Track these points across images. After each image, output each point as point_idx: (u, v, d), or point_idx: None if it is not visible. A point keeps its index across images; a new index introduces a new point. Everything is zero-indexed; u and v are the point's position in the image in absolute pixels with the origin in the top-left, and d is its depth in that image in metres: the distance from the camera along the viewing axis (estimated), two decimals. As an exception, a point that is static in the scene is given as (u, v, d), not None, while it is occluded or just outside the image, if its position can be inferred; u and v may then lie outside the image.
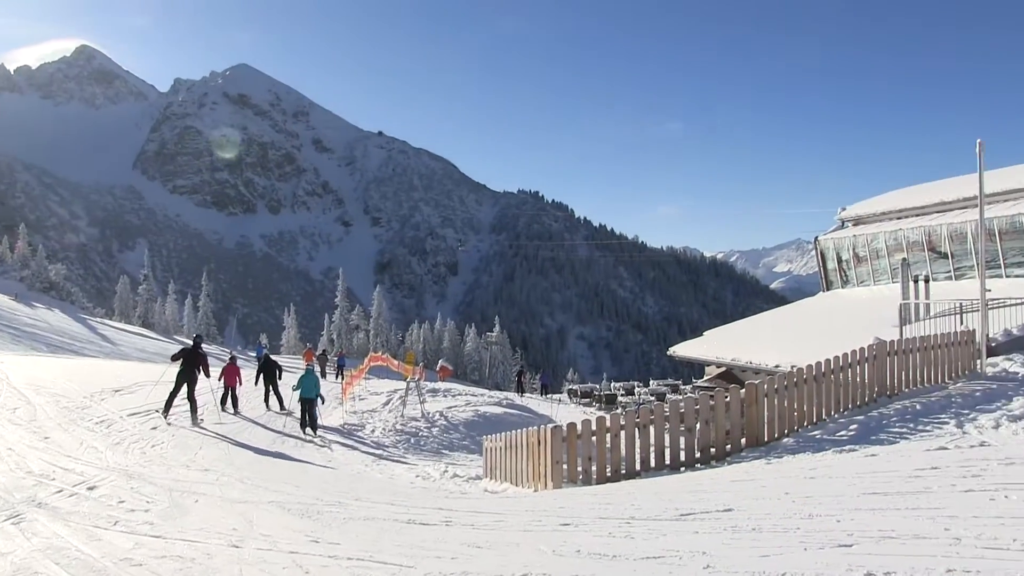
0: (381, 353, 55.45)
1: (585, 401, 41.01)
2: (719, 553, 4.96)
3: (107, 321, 76.29)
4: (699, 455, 11.55)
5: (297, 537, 6.87)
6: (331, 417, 24.23)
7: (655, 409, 11.61)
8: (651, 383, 44.68)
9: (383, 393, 28.70)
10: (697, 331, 34.75)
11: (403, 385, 27.09)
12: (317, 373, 23.55)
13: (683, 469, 11.30)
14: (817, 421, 12.72)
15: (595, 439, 11.20)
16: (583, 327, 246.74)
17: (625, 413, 11.59)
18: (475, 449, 19.98)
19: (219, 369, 22.93)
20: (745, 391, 12.03)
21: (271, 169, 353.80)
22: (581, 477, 11.12)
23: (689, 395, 13.85)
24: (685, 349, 29.45)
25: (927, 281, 22.48)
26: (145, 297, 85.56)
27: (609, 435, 11.25)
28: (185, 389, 18.98)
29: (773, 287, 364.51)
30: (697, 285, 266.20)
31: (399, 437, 21.66)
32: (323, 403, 21.94)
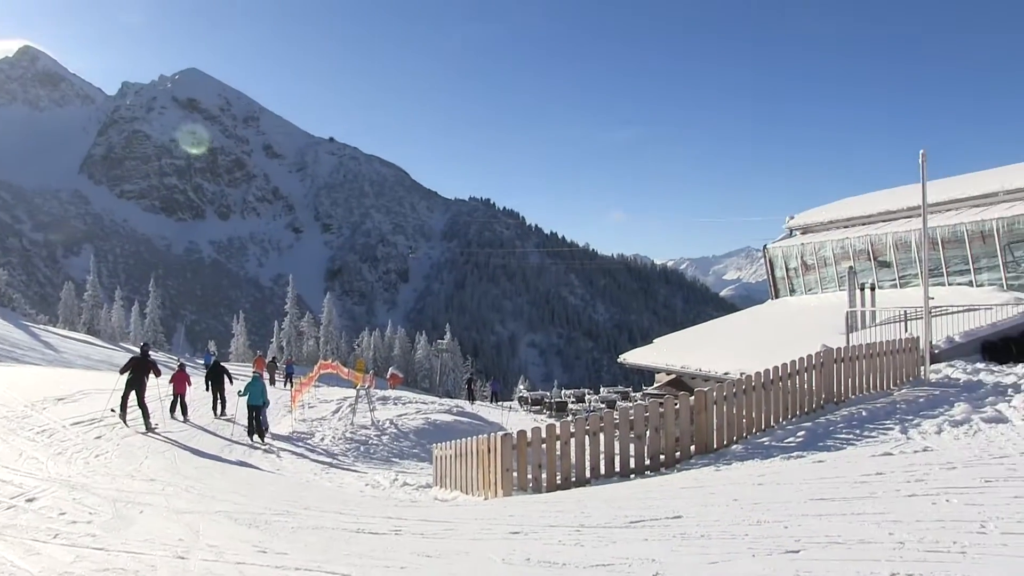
0: (331, 361, 55.17)
1: (536, 408, 41.00)
2: (668, 560, 4.96)
3: (51, 328, 74.67)
4: (649, 462, 11.59)
5: (244, 547, 6.75)
6: (280, 425, 23.99)
7: (605, 416, 11.62)
8: (602, 390, 44.77)
9: (333, 401, 28.48)
10: (647, 338, 34.98)
11: (353, 393, 26.94)
12: (264, 380, 23.33)
13: (633, 476, 11.33)
14: (766, 428, 12.84)
15: (545, 447, 11.18)
16: (534, 334, 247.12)
17: (575, 420, 11.59)
18: (425, 457, 19.88)
19: (168, 376, 22.64)
20: (694, 398, 12.10)
21: (221, 175, 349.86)
22: (531, 485, 11.10)
23: (639, 402, 13.91)
24: (635, 356, 29.61)
25: (873, 289, 22.85)
26: (91, 303, 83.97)
27: (559, 443, 11.23)
28: (134, 396, 18.91)
29: (723, 295, 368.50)
30: (647, 292, 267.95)
31: (349, 445, 21.49)
32: (266, 406, 21.68)
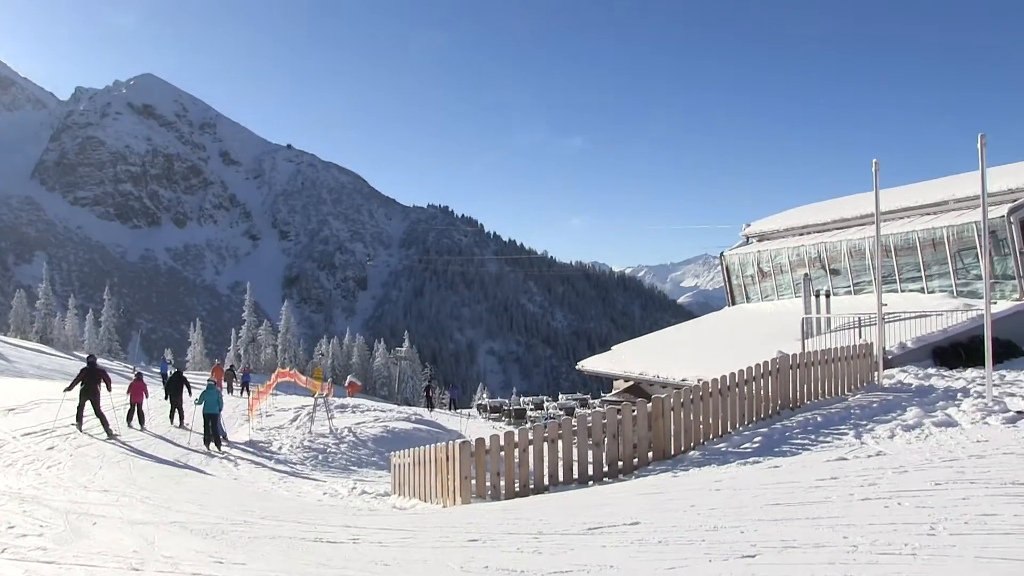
0: (289, 369, 54.58)
1: (494, 416, 41.03)
2: (626, 566, 4.97)
3: (2, 337, 73.35)
4: (607, 469, 11.62)
5: (201, 558, 6.65)
6: (238, 433, 23.76)
7: (563, 424, 11.64)
8: (560, 398, 44.95)
9: (291, 409, 28.25)
10: (606, 345, 35.12)
11: (311, 401, 26.73)
12: (218, 388, 23.13)
13: (591, 483, 11.35)
14: (722, 434, 12.94)
15: (504, 454, 11.16)
16: (493, 342, 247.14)
17: (534, 428, 11.60)
18: (384, 465, 19.78)
19: (126, 386, 22.51)
20: (652, 405, 12.15)
21: (177, 181, 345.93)
22: (490, 492, 11.07)
23: (597, 409, 13.94)
24: (594, 363, 29.68)
25: (828, 296, 23.14)
26: (43, 312, 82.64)
27: (518, 450, 11.23)
28: (90, 406, 19.29)
29: (680, 301, 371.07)
30: (606, 300, 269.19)
31: (307, 454, 21.32)
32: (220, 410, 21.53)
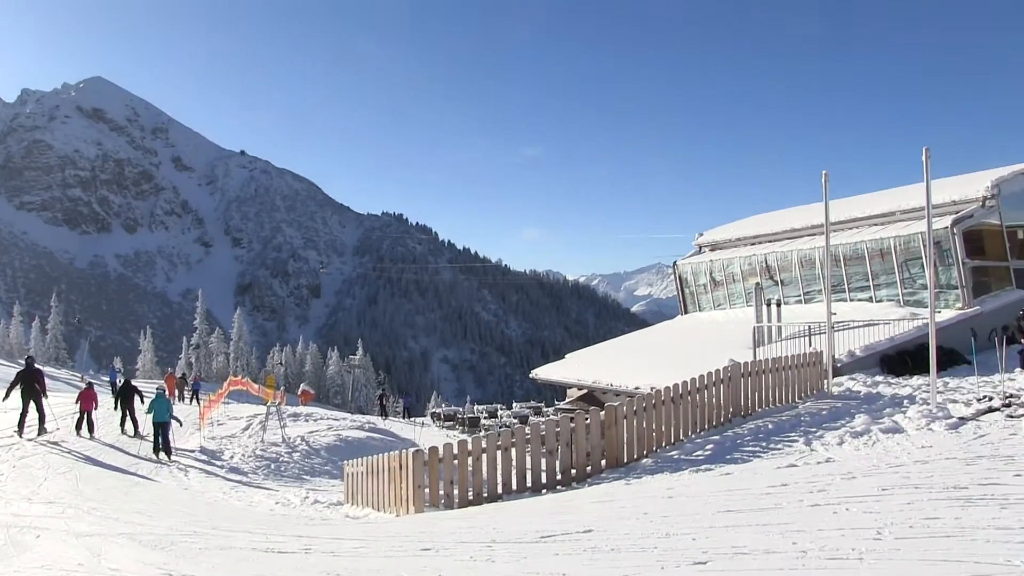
0: (241, 377, 53.95)
1: (448, 424, 40.84)
2: (579, 574, 4.98)
3: (-58, 345, 71.65)
4: (561, 477, 11.65)
5: (149, 570, 6.55)
6: (189, 442, 23.44)
7: (517, 432, 11.65)
8: (514, 406, 44.88)
9: (243, 418, 27.92)
10: (560, 353, 35.20)
11: (263, 410, 26.45)
12: (170, 397, 22.91)
13: (545, 491, 11.37)
14: (675, 441, 13.03)
15: (457, 462, 11.14)
16: (447, 350, 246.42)
17: (487, 436, 11.59)
18: (337, 474, 19.63)
19: (76, 394, 22.29)
20: (605, 413, 12.21)
21: (127, 187, 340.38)
22: (443, 501, 11.05)
23: (551, 418, 13.98)
24: (547, 372, 29.75)
25: (779, 305, 23.43)
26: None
27: (471, 458, 11.21)
28: (33, 406, 19.74)
29: (634, 310, 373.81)
30: (560, 308, 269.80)
31: (259, 463, 21.07)
32: (180, 425, 21.33)
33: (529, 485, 11.45)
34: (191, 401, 41.49)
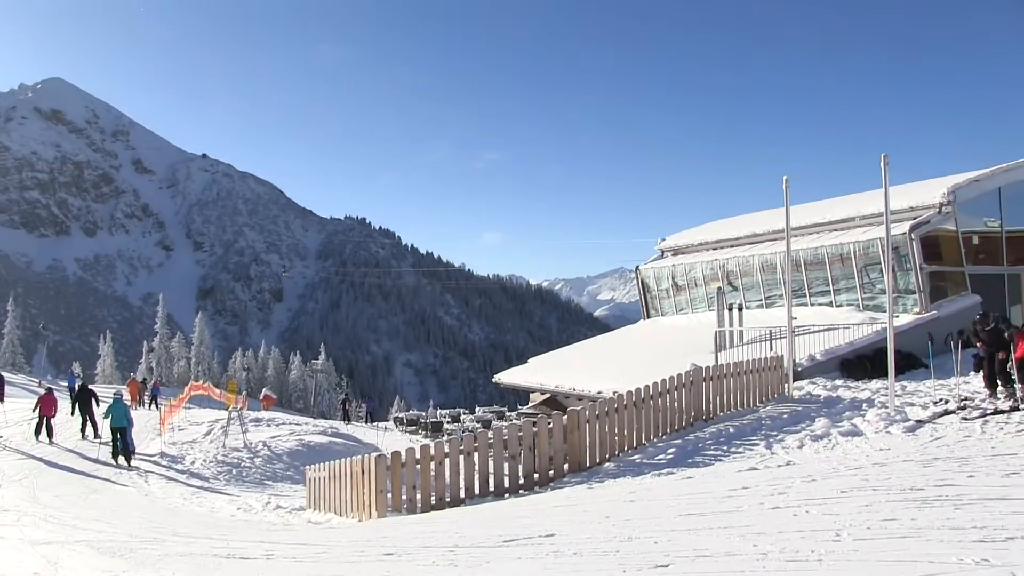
0: (203, 382, 53.45)
1: (411, 429, 40.72)
2: (541, 578, 4.98)
3: None
4: (523, 481, 11.65)
5: (106, 578, 6.47)
6: (149, 448, 23.17)
7: (479, 436, 11.65)
8: (477, 410, 44.82)
9: (204, 423, 27.65)
10: (523, 358, 35.22)
11: (225, 415, 26.21)
12: (125, 401, 22.61)
13: (507, 496, 11.37)
14: (637, 446, 13.08)
15: (419, 467, 11.11)
16: (410, 354, 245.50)
17: (450, 441, 11.57)
18: (299, 479, 19.49)
19: (34, 400, 22.03)
20: (567, 417, 12.23)
21: (87, 190, 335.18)
22: (406, 506, 11.00)
23: (514, 422, 13.99)
24: (510, 376, 29.75)
25: (740, 309, 23.61)
26: (-61, 324, 79.36)
27: (434, 463, 11.18)
28: None
29: (597, 314, 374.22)
30: (523, 312, 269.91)
31: (220, 468, 20.87)
32: (130, 426, 21.05)
33: (492, 489, 11.44)
34: (150, 406, 41.03)
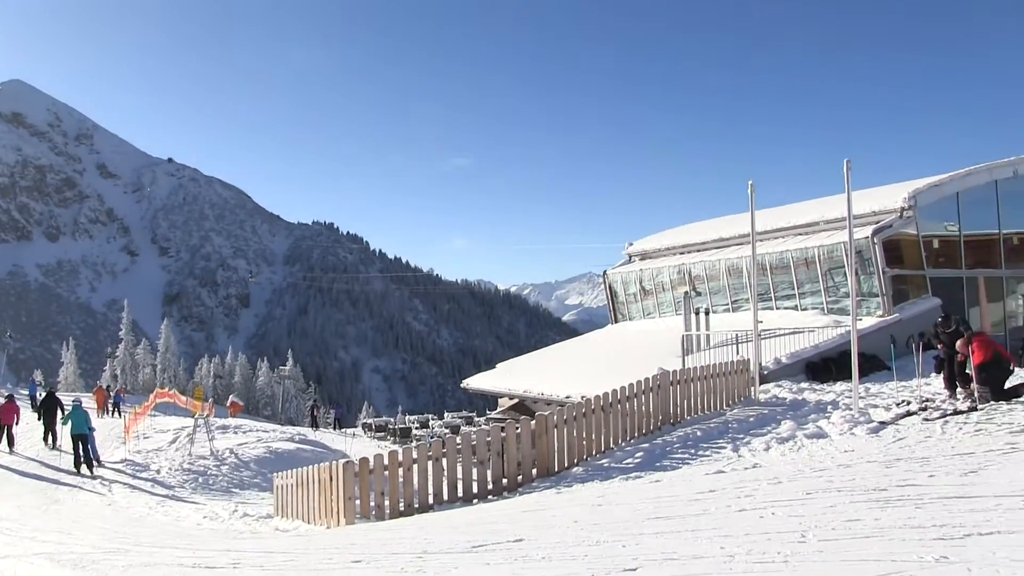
0: (168, 389, 53.06)
1: (380, 435, 40.61)
2: (509, 583, 4.98)
3: None
4: (492, 487, 11.65)
5: (66, 590, 6.38)
6: (114, 456, 22.92)
7: (447, 442, 11.63)
8: (446, 416, 44.82)
9: (170, 431, 27.39)
10: (491, 363, 35.21)
11: (191, 422, 25.97)
12: (87, 408, 22.35)
13: (476, 501, 11.36)
14: (605, 450, 13.13)
15: (388, 473, 11.08)
16: (378, 360, 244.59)
17: (418, 446, 11.55)
18: (267, 487, 19.35)
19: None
20: (535, 422, 12.25)
21: (49, 194, 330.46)
22: (374, 512, 10.97)
23: (482, 427, 13.99)
24: (479, 381, 29.74)
25: (707, 313, 23.76)
26: None
27: (402, 469, 11.16)
28: None
29: (565, 319, 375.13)
30: (491, 317, 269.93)
31: (186, 476, 20.68)
32: (92, 433, 20.83)
33: (460, 495, 11.43)
34: (113, 413, 40.63)
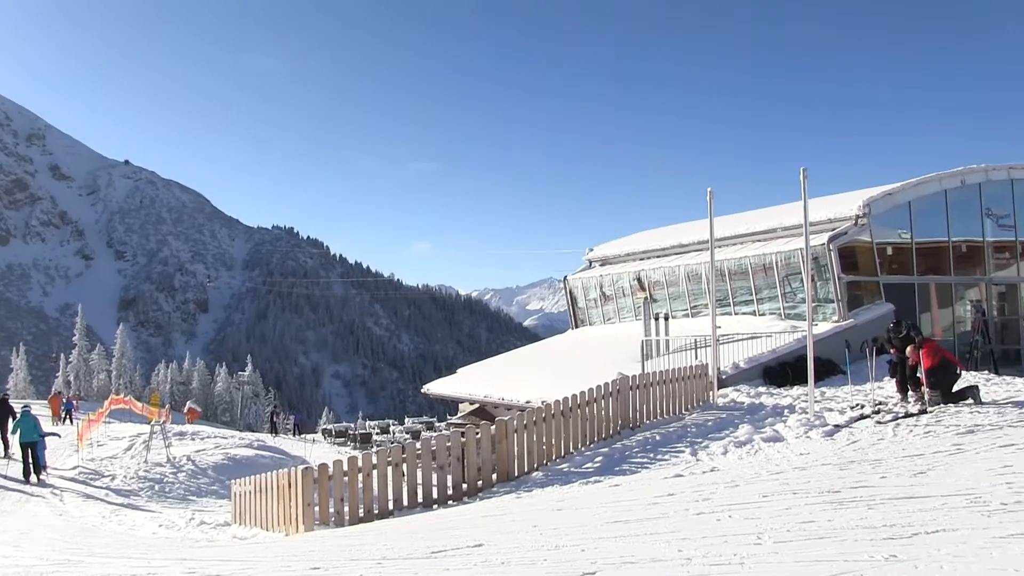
0: (124, 395, 52.29)
1: (340, 441, 40.44)
2: (468, 588, 5.00)
3: None
4: (452, 492, 11.66)
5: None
6: (66, 464, 22.57)
7: (407, 447, 11.62)
8: (407, 421, 44.75)
9: (125, 438, 27.03)
10: (452, 368, 35.23)
11: (147, 429, 25.66)
12: (38, 415, 21.99)
13: (436, 507, 11.37)
14: (565, 454, 13.18)
15: (347, 479, 11.05)
16: (338, 365, 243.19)
17: (378, 452, 11.54)
18: (224, 494, 19.17)
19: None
20: (495, 427, 12.28)
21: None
22: (334, 519, 10.93)
23: (442, 432, 13.99)
24: (439, 387, 29.72)
25: (667, 318, 23.93)
26: None
27: (362, 475, 11.14)
28: None
29: (526, 324, 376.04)
30: (452, 323, 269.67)
31: (142, 484, 20.43)
32: (60, 437, 20.53)
33: (420, 501, 11.43)
34: (65, 420, 40.05)
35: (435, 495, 11.57)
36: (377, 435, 39.16)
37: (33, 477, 19.48)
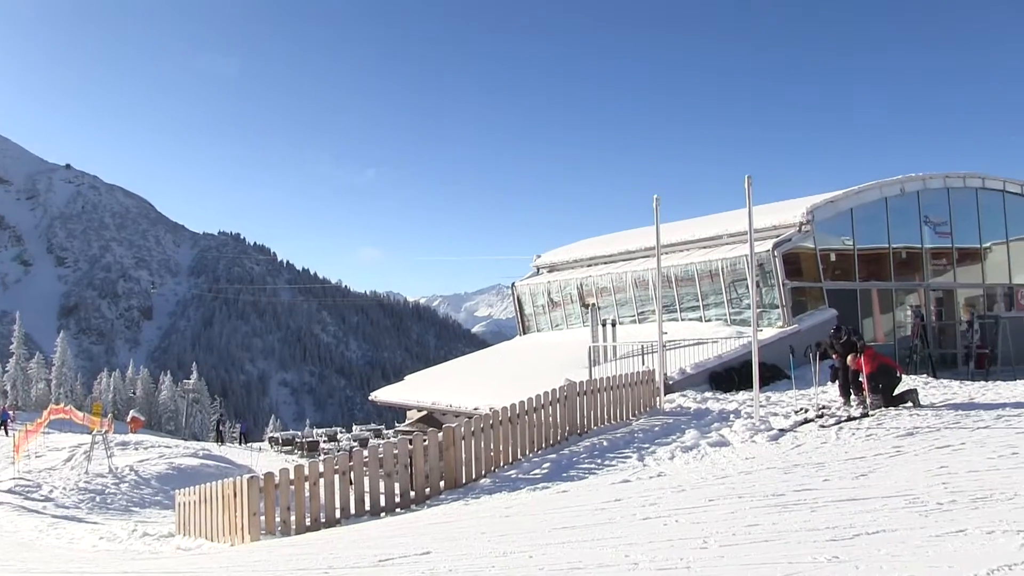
0: (64, 405, 51.27)
1: (287, 449, 40.00)
2: (415, 596, 4.98)
3: None
4: (399, 499, 11.61)
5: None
6: (1, 477, 22.04)
7: (355, 455, 11.55)
8: (354, 428, 44.34)
9: (64, 448, 26.51)
10: (400, 375, 35.04)
11: (88, 439, 25.18)
12: None
13: (384, 514, 11.31)
14: (513, 461, 13.19)
15: (294, 488, 10.94)
16: (285, 373, 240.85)
17: (325, 460, 11.45)
18: (169, 505, 18.88)
19: None
20: (443, 434, 12.26)
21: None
22: (280, 528, 10.81)
23: (390, 440, 13.92)
24: (387, 394, 29.58)
25: (614, 325, 24.06)
26: None
27: (308, 483, 11.04)
28: None
29: (475, 331, 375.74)
30: (400, 329, 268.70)
31: (82, 496, 20.04)
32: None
33: (368, 509, 11.35)
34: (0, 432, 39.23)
35: (383, 503, 11.50)
36: (324, 443, 38.74)
37: None
